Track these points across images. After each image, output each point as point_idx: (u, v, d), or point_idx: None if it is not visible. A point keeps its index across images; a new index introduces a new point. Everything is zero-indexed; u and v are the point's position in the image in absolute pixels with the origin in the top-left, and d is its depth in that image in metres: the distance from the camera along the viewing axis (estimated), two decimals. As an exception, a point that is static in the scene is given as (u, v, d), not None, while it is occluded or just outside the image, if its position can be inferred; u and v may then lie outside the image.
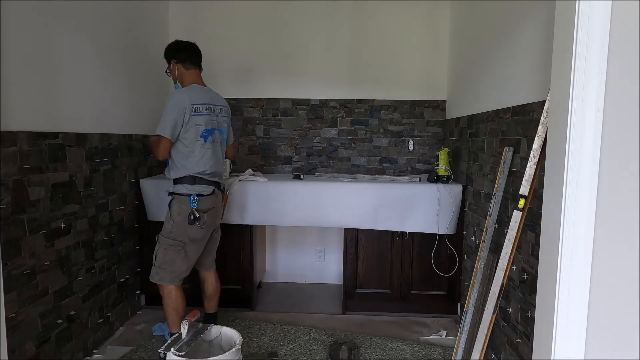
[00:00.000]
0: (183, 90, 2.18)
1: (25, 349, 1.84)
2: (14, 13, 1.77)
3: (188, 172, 2.16)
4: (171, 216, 2.16)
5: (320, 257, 3.49)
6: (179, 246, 2.16)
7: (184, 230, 2.15)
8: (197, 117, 2.14)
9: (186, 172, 2.16)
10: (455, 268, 2.79)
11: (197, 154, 2.16)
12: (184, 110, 2.10)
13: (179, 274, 2.19)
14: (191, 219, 2.13)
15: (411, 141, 3.38)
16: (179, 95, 2.13)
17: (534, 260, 1.72)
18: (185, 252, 2.18)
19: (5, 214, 1.72)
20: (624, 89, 1.11)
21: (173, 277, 2.17)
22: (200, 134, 2.15)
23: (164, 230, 2.19)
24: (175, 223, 2.15)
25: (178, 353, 1.72)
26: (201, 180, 2.19)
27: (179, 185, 2.18)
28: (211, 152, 2.21)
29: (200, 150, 2.16)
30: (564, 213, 1.17)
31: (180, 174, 2.17)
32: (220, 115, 2.28)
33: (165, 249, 2.16)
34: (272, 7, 3.30)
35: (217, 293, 2.48)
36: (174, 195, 2.19)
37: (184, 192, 2.16)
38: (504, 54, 2.14)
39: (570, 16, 1.15)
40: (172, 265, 2.16)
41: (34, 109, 1.91)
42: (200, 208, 2.16)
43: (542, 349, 1.27)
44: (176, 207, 2.16)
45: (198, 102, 2.15)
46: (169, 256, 2.16)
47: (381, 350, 2.43)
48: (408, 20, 3.27)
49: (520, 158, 1.90)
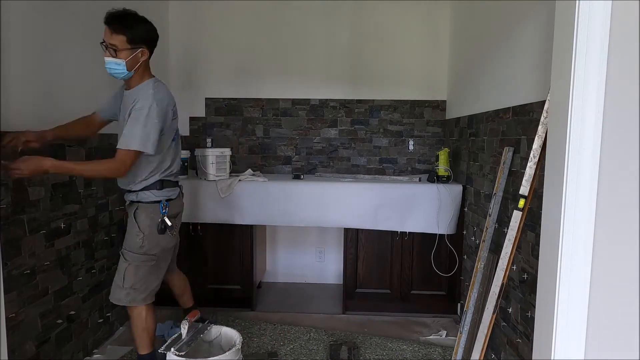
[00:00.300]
0: (161, 92, 1.87)
1: (25, 349, 1.84)
2: (14, 13, 1.77)
3: (157, 179, 1.92)
4: (140, 229, 1.89)
5: (320, 257, 3.49)
6: (153, 260, 1.93)
7: (156, 242, 1.92)
8: (175, 121, 1.95)
9: (155, 179, 1.91)
10: (455, 268, 2.78)
11: (169, 159, 1.95)
12: (168, 116, 1.87)
13: (152, 291, 1.98)
14: (162, 227, 1.89)
15: (411, 141, 3.38)
16: (161, 99, 1.83)
17: (534, 260, 1.72)
18: (159, 266, 1.98)
19: (5, 214, 1.72)
20: (624, 89, 1.11)
21: (146, 295, 1.94)
22: (173, 137, 1.97)
23: (131, 246, 1.91)
24: (145, 236, 1.90)
25: (178, 353, 1.72)
26: (168, 182, 1.97)
27: (145, 192, 1.92)
28: (176, 152, 2.01)
29: (171, 154, 1.96)
30: (564, 213, 1.17)
31: (149, 182, 1.91)
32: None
33: (137, 266, 1.90)
34: (272, 7, 3.30)
35: (187, 288, 2.37)
36: (137, 204, 1.92)
37: (152, 199, 1.91)
38: (504, 54, 2.14)
39: (570, 16, 1.15)
40: (146, 282, 1.93)
41: (34, 109, 1.91)
42: (170, 214, 1.95)
43: (542, 349, 1.27)
44: (144, 217, 1.90)
45: (174, 104, 1.95)
46: (142, 273, 1.92)
47: (381, 350, 2.43)
48: (408, 20, 3.27)
49: (520, 158, 1.90)
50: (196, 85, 3.39)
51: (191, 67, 3.38)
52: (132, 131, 1.76)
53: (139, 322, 1.96)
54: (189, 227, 2.86)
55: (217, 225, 2.84)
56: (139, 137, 1.75)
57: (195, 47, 3.36)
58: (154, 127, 1.78)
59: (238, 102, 3.39)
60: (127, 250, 1.92)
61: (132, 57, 1.80)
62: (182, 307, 2.40)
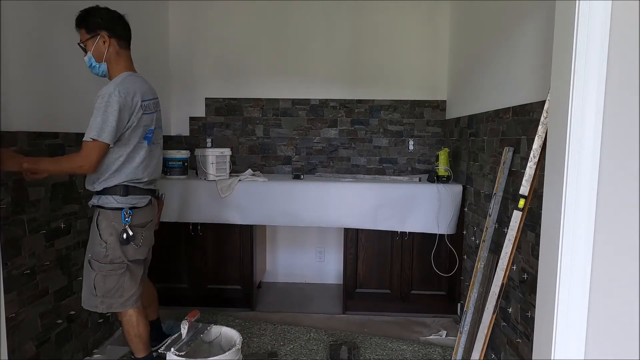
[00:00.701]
0: (129, 82, 1.77)
1: (25, 349, 1.84)
2: (14, 13, 1.77)
3: (120, 181, 1.77)
4: (102, 237, 1.77)
5: (320, 257, 3.49)
6: (122, 268, 1.81)
7: (121, 252, 1.80)
8: (146, 117, 1.80)
9: (118, 180, 1.77)
10: (455, 268, 2.78)
11: (138, 159, 1.80)
12: (134, 108, 1.74)
13: (131, 296, 1.86)
14: (124, 238, 1.76)
15: (411, 141, 3.38)
16: (126, 88, 1.72)
17: (534, 260, 1.72)
18: (131, 272, 1.85)
19: (5, 214, 1.72)
20: (623, 89, 1.11)
21: (124, 301, 1.84)
22: (145, 135, 1.81)
23: (95, 254, 1.79)
24: (108, 245, 1.78)
25: (178, 353, 1.72)
26: (135, 189, 1.81)
27: (106, 196, 1.78)
28: (151, 156, 1.87)
29: (141, 155, 1.81)
30: (564, 213, 1.17)
31: (109, 183, 1.77)
32: (159, 111, 1.96)
33: (104, 275, 1.79)
34: (272, 7, 3.30)
35: (155, 299, 2.26)
36: (99, 209, 1.79)
37: (113, 205, 1.77)
38: (504, 54, 2.14)
39: (570, 16, 1.15)
40: (120, 290, 1.83)
41: (34, 109, 1.91)
42: (135, 223, 1.81)
43: (542, 349, 1.27)
44: (105, 224, 1.77)
45: (147, 98, 1.81)
46: (112, 282, 1.81)
47: (381, 350, 2.43)
48: (408, 20, 3.27)
49: (520, 158, 1.90)
50: (196, 85, 3.39)
51: (191, 67, 3.38)
52: (91, 121, 1.68)
53: (130, 327, 1.91)
54: (188, 227, 2.86)
55: (217, 225, 2.84)
56: (95, 125, 1.66)
57: (195, 47, 3.36)
58: (112, 114, 1.66)
59: (238, 102, 3.39)
60: (92, 258, 1.81)
61: (95, 46, 1.77)
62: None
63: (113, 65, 1.82)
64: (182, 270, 2.92)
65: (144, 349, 1.97)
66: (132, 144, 1.78)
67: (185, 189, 2.76)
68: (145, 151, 1.83)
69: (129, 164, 1.79)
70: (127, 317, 1.90)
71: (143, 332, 1.93)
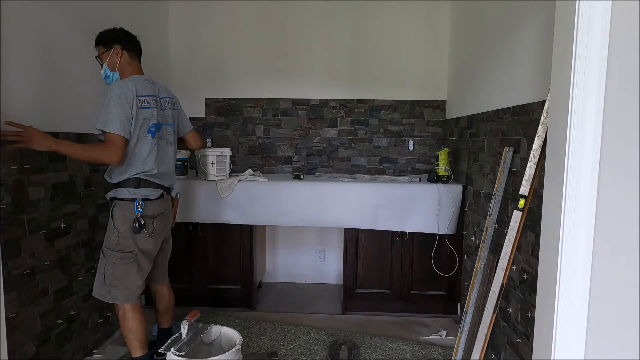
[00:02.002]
0: (126, 80, 1.91)
1: (25, 349, 1.84)
2: (14, 12, 1.77)
3: (132, 174, 1.91)
4: (115, 226, 1.91)
5: (320, 257, 3.49)
6: (130, 258, 1.92)
7: (131, 240, 1.91)
8: (144, 110, 1.90)
9: (130, 173, 1.91)
10: (455, 268, 2.78)
11: (144, 152, 1.92)
12: (132, 102, 1.85)
13: (134, 290, 1.95)
14: (136, 226, 1.89)
15: (411, 141, 3.38)
16: (123, 85, 1.86)
17: (534, 260, 1.72)
18: (138, 264, 1.95)
19: (5, 214, 1.72)
20: (624, 89, 1.11)
21: (128, 294, 1.93)
22: (147, 128, 1.92)
23: (109, 243, 1.92)
24: (120, 233, 1.90)
25: (178, 353, 1.72)
26: (147, 182, 1.95)
27: (121, 189, 1.93)
28: (157, 150, 1.98)
29: (147, 147, 1.92)
30: (564, 213, 1.17)
31: (123, 176, 1.91)
32: (167, 109, 2.06)
33: (115, 263, 1.91)
34: (272, 7, 3.30)
35: (171, 307, 2.29)
36: (114, 201, 1.93)
37: (127, 196, 1.91)
38: (504, 54, 2.14)
39: (570, 16, 1.15)
40: (125, 280, 1.92)
41: (34, 109, 1.91)
42: (146, 214, 1.94)
43: (542, 349, 1.27)
44: (119, 214, 1.91)
45: (144, 94, 1.92)
46: (120, 271, 1.91)
47: (381, 350, 2.43)
48: (408, 20, 3.27)
49: (520, 158, 1.90)
50: (196, 85, 3.39)
51: (191, 67, 3.38)
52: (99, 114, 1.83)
53: (124, 323, 1.97)
54: (189, 227, 2.86)
55: (217, 225, 2.84)
56: (102, 120, 1.82)
57: (195, 47, 3.36)
58: (114, 106, 1.81)
59: (238, 102, 3.39)
60: (105, 247, 1.94)
61: (109, 58, 1.98)
62: (159, 326, 2.31)
63: (125, 73, 2.00)
64: (182, 270, 2.92)
65: (140, 348, 1.98)
66: (135, 137, 1.89)
67: (185, 189, 2.76)
68: (150, 144, 1.94)
69: (136, 156, 1.91)
70: (121, 312, 1.97)
71: (137, 329, 1.97)
